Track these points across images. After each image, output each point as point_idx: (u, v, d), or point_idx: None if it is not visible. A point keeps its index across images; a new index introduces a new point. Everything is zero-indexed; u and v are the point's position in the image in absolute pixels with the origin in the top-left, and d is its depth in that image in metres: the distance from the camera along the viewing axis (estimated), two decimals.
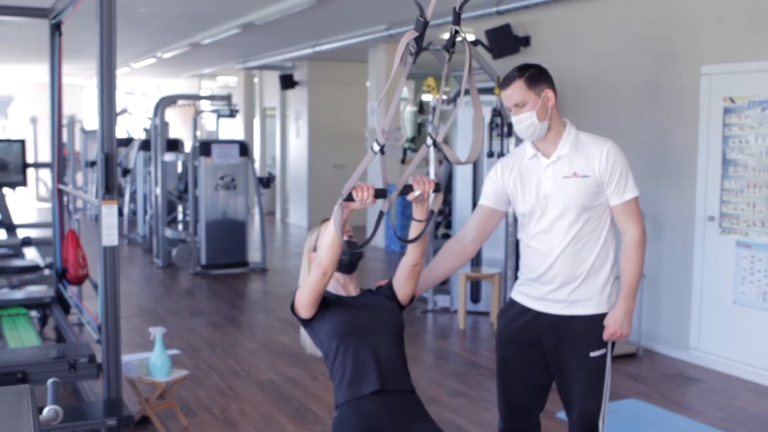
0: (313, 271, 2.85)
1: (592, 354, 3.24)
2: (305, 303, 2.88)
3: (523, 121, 3.19)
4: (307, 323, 2.96)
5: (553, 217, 3.22)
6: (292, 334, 6.96)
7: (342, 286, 3.07)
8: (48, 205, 15.29)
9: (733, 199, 5.95)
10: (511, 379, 3.39)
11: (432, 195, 2.83)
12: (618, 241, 3.31)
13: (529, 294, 3.34)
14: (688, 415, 5.12)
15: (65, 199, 6.48)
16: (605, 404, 3.30)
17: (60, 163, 6.36)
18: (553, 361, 3.32)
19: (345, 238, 2.88)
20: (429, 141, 2.75)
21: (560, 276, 3.22)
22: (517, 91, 3.16)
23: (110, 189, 4.42)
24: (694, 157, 6.24)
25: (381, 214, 2.73)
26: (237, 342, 6.81)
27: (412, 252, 3.00)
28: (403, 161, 11.32)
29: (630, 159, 6.55)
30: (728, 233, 6.01)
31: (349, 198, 2.66)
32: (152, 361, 4.75)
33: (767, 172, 5.71)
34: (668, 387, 5.69)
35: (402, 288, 3.04)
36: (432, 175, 2.92)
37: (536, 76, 3.24)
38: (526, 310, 3.33)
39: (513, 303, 3.41)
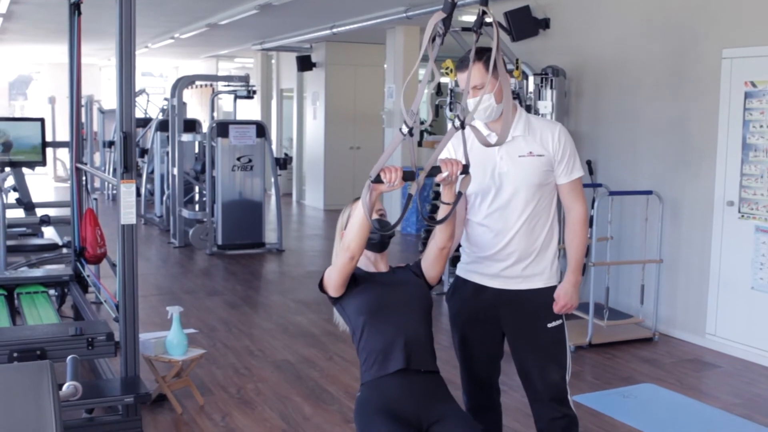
0: (340, 254, 2.86)
1: (550, 325, 3.39)
2: (333, 284, 2.90)
3: (482, 103, 3.23)
4: (335, 301, 2.98)
5: (509, 194, 3.31)
6: (308, 315, 6.98)
7: (372, 263, 3.09)
8: (66, 185, 15.35)
9: (753, 184, 5.91)
10: (474, 356, 3.52)
11: (460, 177, 2.84)
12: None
13: (482, 272, 3.41)
14: (705, 401, 5.11)
15: (83, 178, 6.50)
16: (569, 373, 3.45)
17: (78, 142, 6.37)
18: (511, 335, 3.45)
19: (376, 216, 2.90)
20: (457, 123, 2.78)
21: (516, 252, 3.33)
22: (476, 73, 3.17)
23: (129, 168, 4.44)
24: (713, 142, 6.20)
25: (410, 196, 2.75)
26: (253, 322, 6.83)
27: (439, 235, 3.02)
28: (420, 144, 11.28)
29: (649, 143, 6.54)
30: (747, 218, 5.97)
31: (378, 180, 2.66)
32: (169, 339, 4.78)
33: None
34: (685, 372, 5.68)
35: (429, 270, 3.09)
36: (461, 157, 2.91)
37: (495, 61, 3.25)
38: (481, 288, 3.41)
39: (464, 282, 3.48)
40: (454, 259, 3.62)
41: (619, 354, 6.04)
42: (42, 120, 8.09)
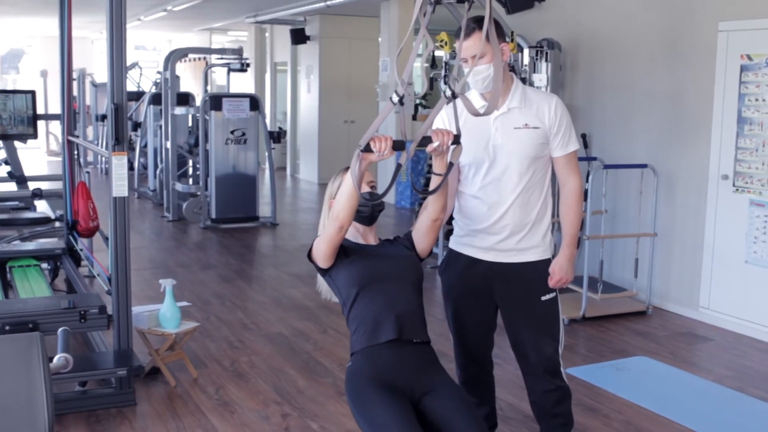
0: (329, 224, 2.84)
1: (543, 298, 3.40)
2: (322, 254, 2.88)
3: (481, 73, 3.21)
4: (324, 272, 2.97)
5: (503, 167, 3.29)
6: (302, 288, 6.97)
7: (362, 235, 3.07)
8: (59, 159, 15.34)
9: (748, 158, 5.89)
10: (467, 329, 3.53)
11: (451, 147, 2.82)
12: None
13: (475, 245, 3.40)
14: (698, 373, 5.12)
15: (75, 151, 6.46)
16: (562, 346, 3.47)
17: (70, 115, 6.33)
18: (505, 308, 3.45)
19: (366, 188, 2.88)
20: (448, 93, 2.75)
21: (510, 225, 3.33)
22: (477, 42, 3.13)
23: (120, 140, 4.41)
24: (709, 115, 6.17)
25: (399, 166, 2.72)
26: (247, 295, 6.83)
27: (432, 207, 3.00)
28: (414, 117, 11.24)
29: (645, 117, 6.51)
30: (742, 192, 5.96)
31: (367, 149, 2.64)
32: (162, 312, 4.76)
33: None
34: (678, 345, 5.69)
35: (421, 242, 3.07)
36: (452, 128, 2.88)
37: (495, 29, 3.22)
38: (474, 261, 3.41)
39: (457, 255, 3.48)
40: (449, 233, 3.60)
41: (612, 327, 6.04)
42: (33, 92, 8.03)
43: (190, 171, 11.78)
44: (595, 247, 6.59)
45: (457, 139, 2.82)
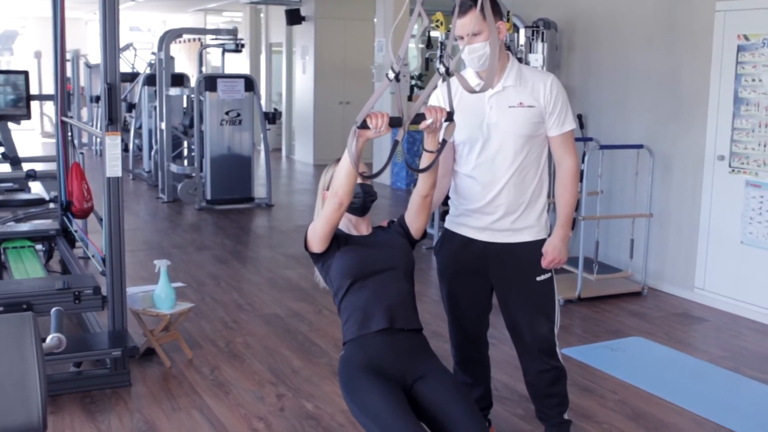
0: (328, 201, 2.82)
1: (539, 278, 3.39)
2: (319, 236, 2.87)
3: (477, 51, 3.18)
4: (318, 259, 2.95)
5: (497, 146, 3.27)
6: (297, 269, 6.96)
7: (354, 226, 3.05)
8: (54, 141, 15.29)
9: (744, 139, 5.88)
10: (462, 309, 3.52)
11: (444, 124, 2.80)
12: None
13: (470, 225, 3.39)
14: (693, 354, 5.13)
15: (69, 132, 6.42)
16: (558, 327, 3.46)
17: (63, 96, 6.29)
18: (500, 288, 3.44)
19: (359, 181, 2.86)
20: (442, 69, 2.73)
21: (504, 205, 3.31)
22: (473, 20, 3.10)
23: (114, 120, 4.38)
24: (705, 96, 6.15)
25: (396, 142, 2.71)
26: (242, 276, 6.82)
27: (422, 183, 2.98)
28: (410, 98, 11.20)
29: (641, 97, 6.48)
30: (738, 173, 5.94)
31: (364, 125, 2.62)
32: (157, 293, 4.75)
33: None
34: (673, 326, 5.69)
35: (414, 221, 3.05)
36: (446, 106, 2.86)
37: (491, 7, 3.20)
38: (469, 241, 3.40)
39: (452, 235, 3.47)
40: (444, 214, 3.59)
41: (607, 308, 6.05)
42: (26, 73, 7.98)
43: (185, 152, 11.75)
44: (591, 228, 6.58)
45: (450, 117, 2.80)
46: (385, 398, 2.64)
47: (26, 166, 8.34)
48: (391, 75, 2.63)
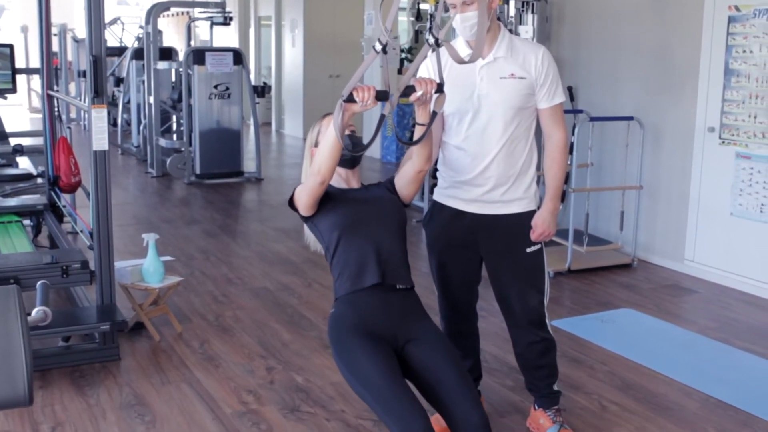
0: (310, 177, 2.80)
1: (529, 249, 3.38)
2: (303, 204, 2.85)
3: (469, 20, 3.14)
4: (307, 219, 2.93)
5: (487, 117, 3.25)
6: (287, 243, 6.94)
7: (344, 180, 3.03)
8: (41, 116, 15.18)
9: (734, 110, 5.86)
10: (452, 281, 3.51)
11: (434, 96, 2.78)
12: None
13: (460, 197, 3.37)
14: (682, 325, 5.14)
15: (56, 106, 6.36)
16: (547, 298, 3.47)
17: (49, 69, 6.23)
18: (490, 260, 3.44)
19: (347, 132, 2.84)
20: (431, 40, 2.71)
21: (494, 177, 3.29)
22: None
23: (99, 92, 4.33)
24: (696, 68, 6.12)
25: (382, 116, 2.68)
26: (231, 250, 6.79)
27: (417, 158, 2.96)
28: (400, 71, 11.14)
29: (631, 69, 6.45)
30: (728, 144, 5.93)
31: (350, 99, 2.59)
32: (145, 267, 4.73)
33: None
34: (663, 297, 5.70)
35: (404, 190, 3.04)
36: (436, 77, 2.84)
37: None
38: (459, 213, 3.38)
39: (441, 207, 3.45)
40: (434, 187, 3.57)
41: (597, 280, 6.05)
42: (11, 46, 7.88)
43: (174, 126, 11.67)
44: (581, 200, 6.57)
45: (440, 88, 2.77)
46: (374, 361, 2.62)
47: (13, 141, 8.28)
48: (378, 47, 2.60)
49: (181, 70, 10.18)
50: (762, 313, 5.39)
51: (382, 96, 2.63)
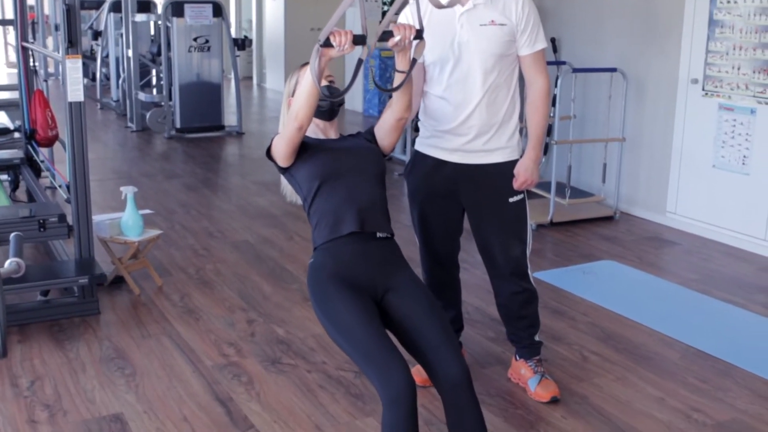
0: (288, 124, 2.74)
1: (511, 199, 3.36)
2: (281, 154, 2.80)
3: None
4: (284, 170, 2.88)
5: (468, 65, 3.21)
6: (268, 197, 6.89)
7: (322, 131, 2.98)
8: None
9: (718, 62, 5.82)
10: (433, 232, 3.50)
11: (414, 43, 2.72)
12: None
13: (442, 146, 3.34)
14: (664, 277, 5.15)
15: (32, 60, 6.24)
16: (530, 249, 3.46)
17: (24, 20, 6.10)
18: (472, 211, 3.42)
19: (325, 83, 2.78)
20: None
21: (476, 126, 3.26)
22: None
23: (74, 42, 4.25)
24: (680, 18, 6.07)
25: (360, 61, 2.62)
26: (212, 204, 6.74)
27: (396, 105, 2.90)
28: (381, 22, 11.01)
29: (615, 20, 6.37)
30: (711, 96, 5.90)
31: (327, 44, 2.53)
32: (124, 220, 4.68)
33: (754, 34, 5.56)
34: (644, 249, 5.71)
35: (384, 140, 2.98)
36: (415, 23, 2.78)
37: None
38: (440, 163, 3.36)
39: (423, 157, 3.42)
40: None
41: (580, 232, 6.05)
42: None
43: (154, 80, 11.54)
44: (564, 153, 6.55)
45: (419, 35, 2.72)
46: (354, 310, 2.59)
47: None
48: None
49: (159, 22, 10.02)
50: (742, 265, 5.41)
51: (359, 40, 2.58)
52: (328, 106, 2.88)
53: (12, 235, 2.59)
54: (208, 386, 3.58)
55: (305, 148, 2.83)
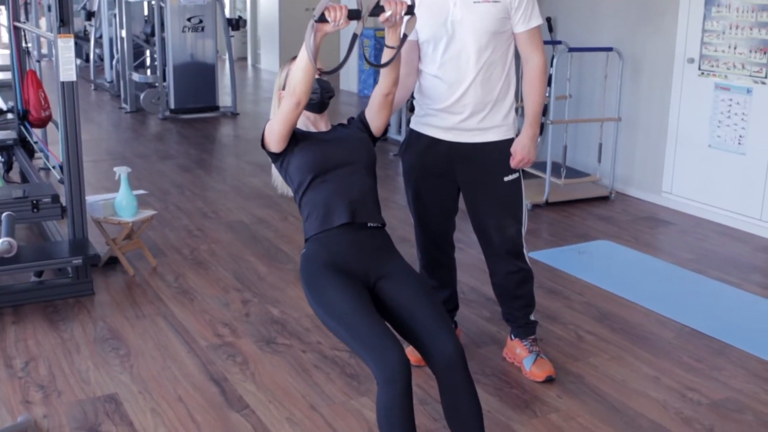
0: (285, 100, 2.72)
1: (506, 178, 3.35)
2: (276, 136, 2.77)
3: None
4: (276, 158, 2.86)
5: (462, 43, 3.18)
6: (262, 177, 6.87)
7: (312, 123, 2.95)
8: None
9: (714, 41, 5.80)
10: (428, 211, 3.48)
11: (405, 18, 2.69)
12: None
13: (437, 125, 3.32)
14: (659, 256, 5.15)
15: (24, 40, 6.19)
16: (525, 228, 3.44)
17: (15, 0, 6.05)
18: (467, 190, 3.40)
19: (319, 65, 2.76)
20: None
21: (471, 104, 3.24)
22: None
23: (65, 21, 4.22)
24: None
25: (354, 36, 2.60)
26: (207, 184, 6.72)
27: (384, 80, 2.88)
28: None
29: None
30: (707, 76, 5.88)
31: (322, 19, 2.50)
32: (118, 200, 4.66)
33: (751, 13, 5.53)
34: (640, 229, 5.71)
35: (375, 119, 2.95)
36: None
37: None
38: (436, 142, 3.34)
39: (418, 136, 3.40)
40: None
41: (575, 212, 6.04)
42: None
43: (148, 61, 11.48)
44: (559, 132, 6.53)
45: (410, 10, 2.69)
46: (347, 297, 2.59)
47: None
48: None
49: (153, 2, 9.96)
50: (737, 244, 5.41)
51: (354, 15, 2.55)
52: (319, 98, 2.85)
53: (4, 214, 2.57)
54: (202, 366, 3.57)
55: (296, 140, 2.81)
